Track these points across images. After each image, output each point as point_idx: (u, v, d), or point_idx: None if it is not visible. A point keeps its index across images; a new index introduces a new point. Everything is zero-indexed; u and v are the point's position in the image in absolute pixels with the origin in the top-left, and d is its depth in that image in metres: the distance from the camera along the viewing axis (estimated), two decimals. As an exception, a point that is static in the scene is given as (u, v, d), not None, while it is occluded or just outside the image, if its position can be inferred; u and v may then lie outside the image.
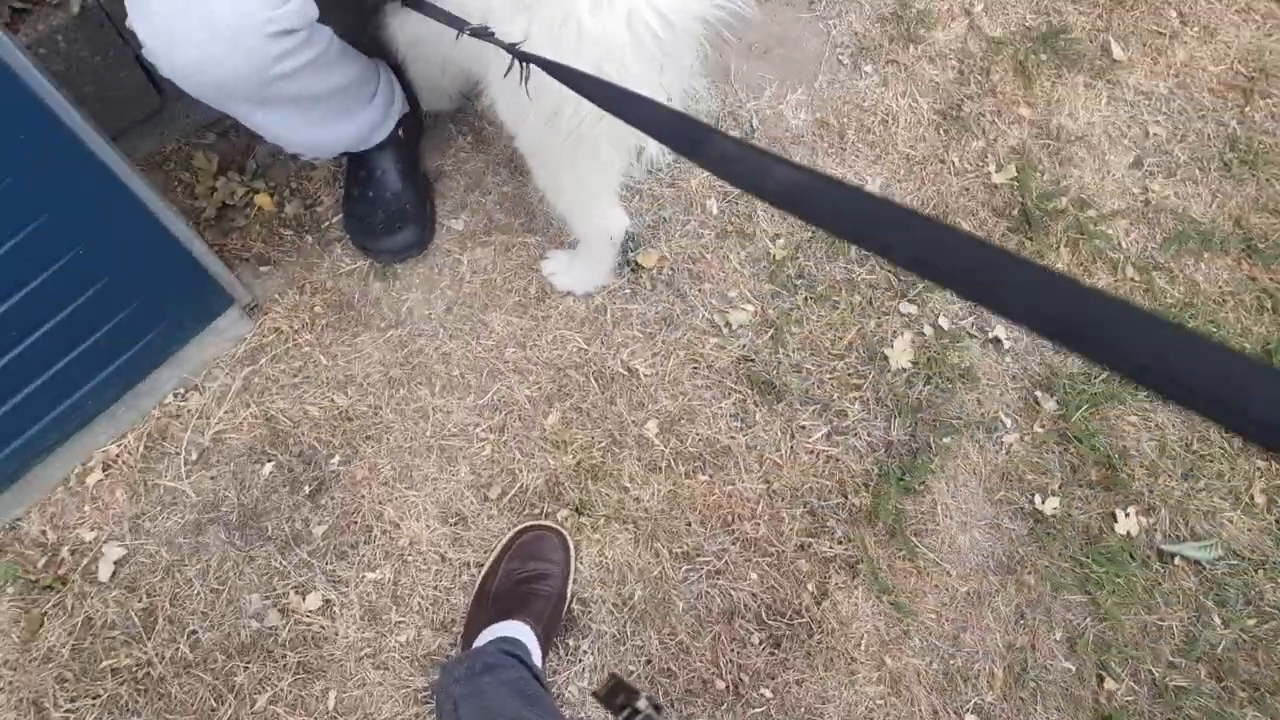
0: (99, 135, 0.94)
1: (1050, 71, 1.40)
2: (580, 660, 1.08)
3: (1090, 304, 0.36)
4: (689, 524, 1.13)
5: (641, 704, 0.63)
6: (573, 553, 1.12)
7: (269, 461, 1.19)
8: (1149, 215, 1.29)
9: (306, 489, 1.17)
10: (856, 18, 1.47)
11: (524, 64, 0.80)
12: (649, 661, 1.09)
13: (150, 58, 0.90)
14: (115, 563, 1.13)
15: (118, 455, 1.19)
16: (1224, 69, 1.39)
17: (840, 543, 1.13)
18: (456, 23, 0.90)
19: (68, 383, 1.14)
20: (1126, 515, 1.12)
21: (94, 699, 1.06)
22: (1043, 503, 1.14)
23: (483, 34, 0.86)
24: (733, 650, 1.09)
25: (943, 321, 1.23)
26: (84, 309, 1.07)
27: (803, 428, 1.17)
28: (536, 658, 1.01)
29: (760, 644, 1.09)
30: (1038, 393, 1.18)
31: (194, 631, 1.09)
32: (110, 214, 1.01)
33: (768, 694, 1.07)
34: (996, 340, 1.22)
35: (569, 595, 1.10)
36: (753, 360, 1.22)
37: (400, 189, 1.29)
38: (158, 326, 1.18)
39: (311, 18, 0.95)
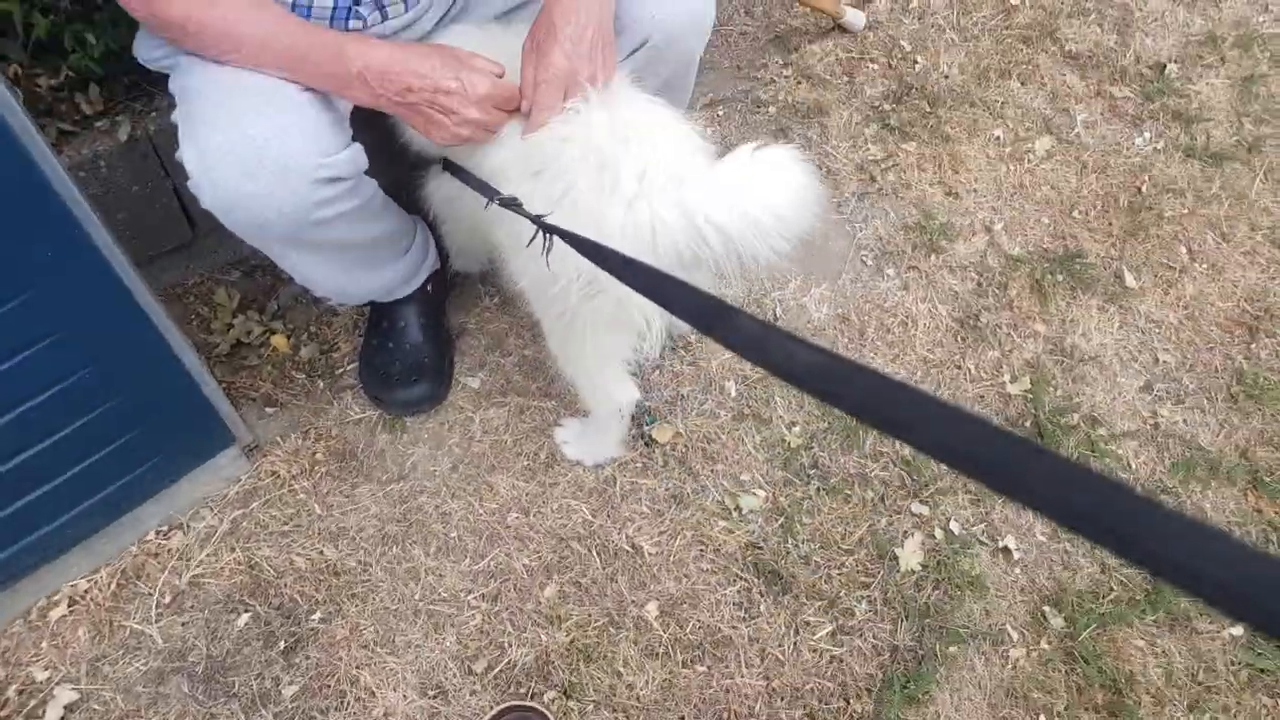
0: (125, 260, 1.11)
1: (1065, 292, 1.72)
2: None
3: (1119, 499, 0.41)
4: (682, 718, 1.29)
5: None
6: (558, 740, 1.27)
7: (246, 612, 1.34)
8: (1158, 439, 1.55)
9: (281, 644, 1.32)
10: (881, 223, 1.79)
11: (547, 235, 0.99)
12: None
13: (194, 189, 1.06)
14: (65, 707, 1.24)
15: (87, 591, 1.35)
16: (1231, 305, 1.72)
17: (841, 755, 1.29)
18: (488, 191, 1.11)
19: (51, 508, 1.29)
20: (1138, 750, 1.29)
21: None
22: (1052, 729, 1.32)
23: (511, 204, 1.06)
24: None
25: (954, 526, 1.45)
26: (82, 432, 1.24)
27: (808, 623, 1.36)
28: None
29: None
30: (1045, 608, 1.37)
31: (140, 793, 1.20)
32: (125, 339, 1.19)
33: None
34: (1006, 550, 1.42)
35: (550, 787, 1.24)
36: (761, 548, 1.42)
37: (421, 342, 1.51)
38: (153, 459, 1.37)
39: (361, 168, 1.14)
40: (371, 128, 1.26)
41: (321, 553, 1.38)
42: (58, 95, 1.41)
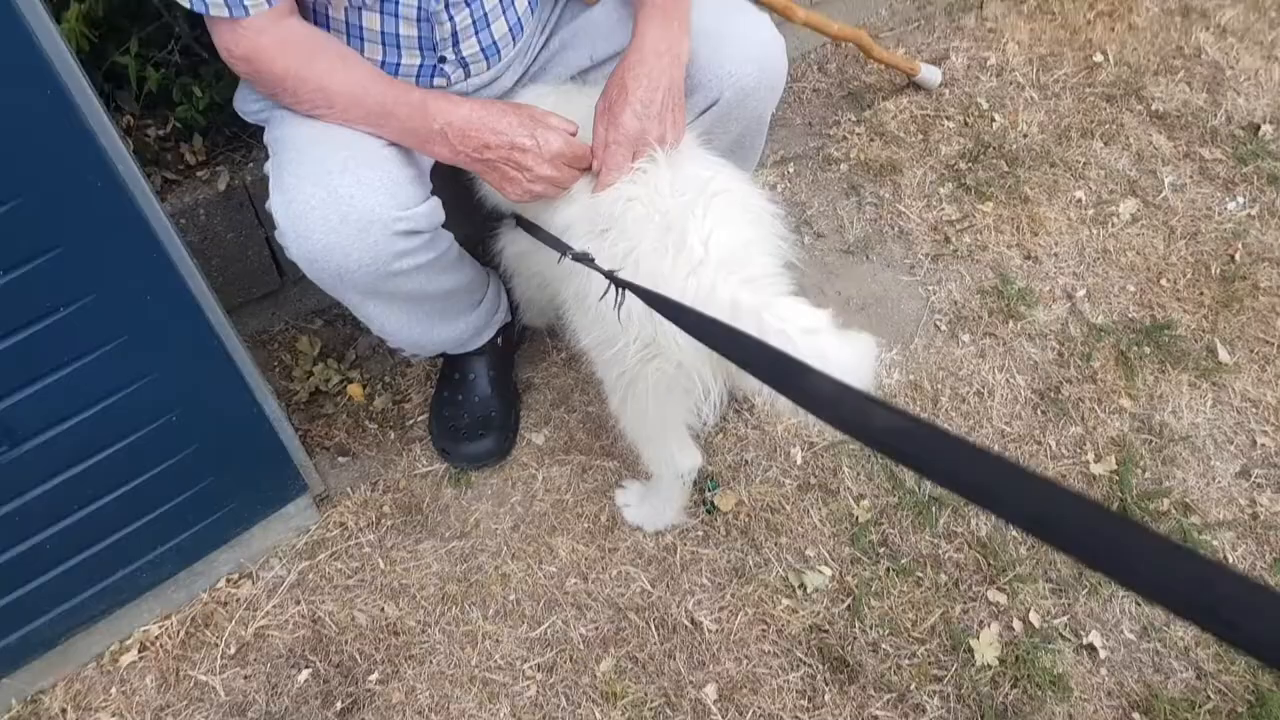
0: (218, 307, 1.07)
1: (1153, 365, 1.53)
2: None
3: (1221, 581, 0.37)
4: (740, 812, 1.14)
5: None
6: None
7: (306, 668, 1.25)
8: (1257, 530, 1.35)
9: (338, 705, 1.22)
10: (956, 287, 1.62)
11: (619, 290, 0.91)
12: None
13: (281, 239, 1.04)
14: (128, 757, 1.19)
15: (157, 637, 1.27)
16: (1336, 384, 1.51)
17: None
18: (560, 246, 1.05)
19: (129, 551, 1.22)
20: None
21: None
22: None
23: (584, 259, 0.99)
24: None
25: (1034, 617, 1.27)
26: (164, 476, 1.17)
27: (875, 717, 1.19)
28: None
29: None
30: (1135, 715, 1.19)
31: None
32: (213, 384, 1.13)
33: None
34: (1091, 647, 1.24)
35: None
36: (826, 631, 1.27)
37: (489, 395, 1.42)
38: (229, 504, 1.29)
39: (438, 222, 1.10)
40: (450, 182, 1.20)
41: (382, 610, 1.28)
42: (164, 145, 1.38)
